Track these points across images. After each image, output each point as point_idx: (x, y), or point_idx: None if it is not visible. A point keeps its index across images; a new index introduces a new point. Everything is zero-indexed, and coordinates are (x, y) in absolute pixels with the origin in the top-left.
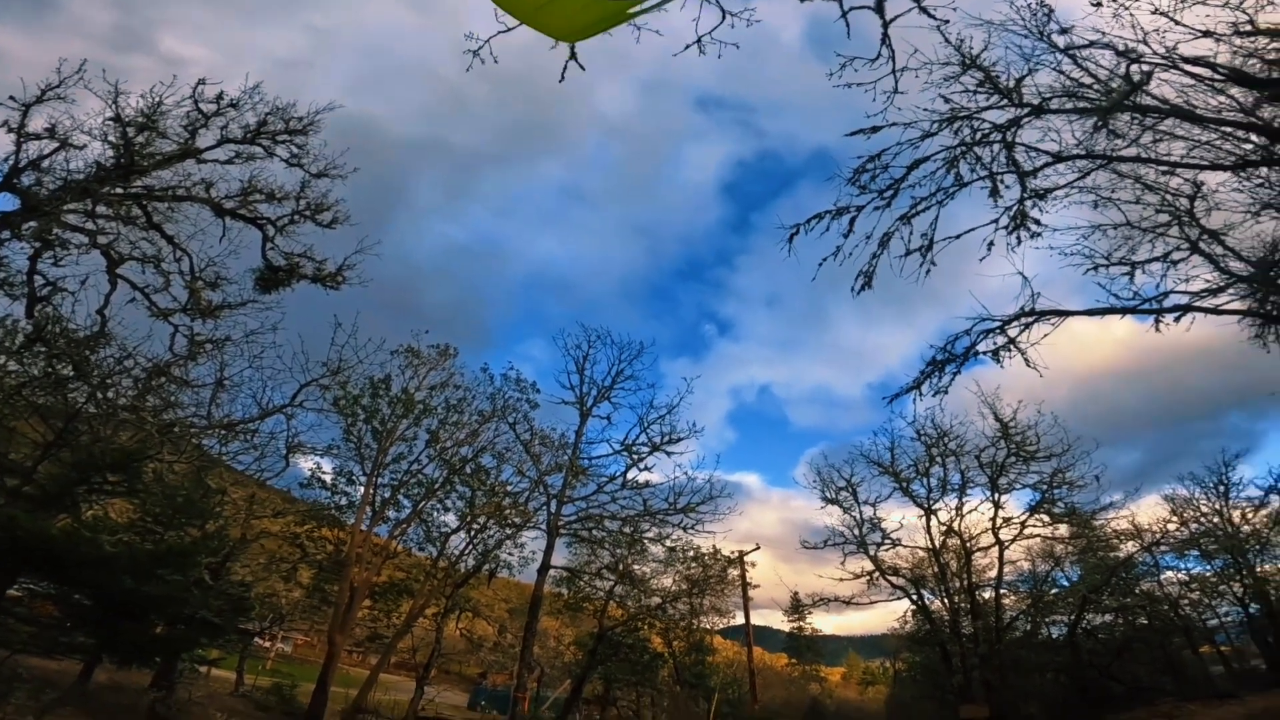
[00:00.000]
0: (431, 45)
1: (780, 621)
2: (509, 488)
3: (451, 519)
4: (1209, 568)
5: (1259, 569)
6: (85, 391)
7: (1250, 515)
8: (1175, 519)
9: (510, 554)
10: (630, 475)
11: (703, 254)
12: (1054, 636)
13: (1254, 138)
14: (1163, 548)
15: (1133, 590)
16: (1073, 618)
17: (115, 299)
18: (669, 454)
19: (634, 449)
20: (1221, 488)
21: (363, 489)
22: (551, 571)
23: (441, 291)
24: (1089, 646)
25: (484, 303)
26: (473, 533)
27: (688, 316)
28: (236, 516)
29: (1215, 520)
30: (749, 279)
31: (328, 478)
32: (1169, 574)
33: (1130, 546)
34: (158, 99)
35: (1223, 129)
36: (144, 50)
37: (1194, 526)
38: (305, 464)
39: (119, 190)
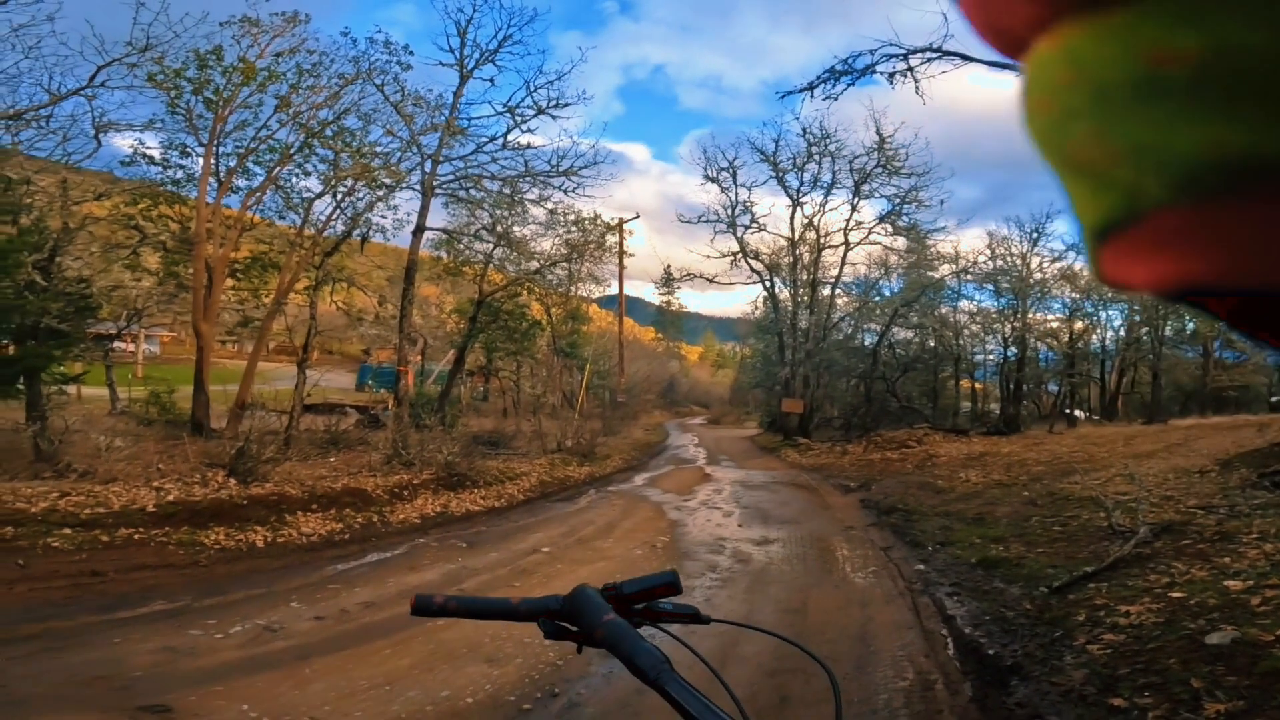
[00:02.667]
0: None
1: (651, 294)
2: (377, 149)
3: (314, 184)
4: (996, 304)
5: (1031, 316)
6: None
7: (1046, 265)
8: (988, 252)
9: (383, 216)
10: (512, 137)
11: None
12: (866, 344)
13: None
14: (969, 276)
15: (933, 311)
16: (883, 328)
17: None
18: (555, 118)
19: (518, 112)
20: (1034, 235)
21: (202, 160)
22: (429, 234)
23: None
24: (886, 359)
25: None
26: (339, 196)
27: None
28: (52, 205)
29: (1018, 262)
30: None
31: (154, 153)
32: (964, 303)
33: (946, 270)
34: None
35: None
36: None
37: (999, 263)
38: (123, 143)
39: None
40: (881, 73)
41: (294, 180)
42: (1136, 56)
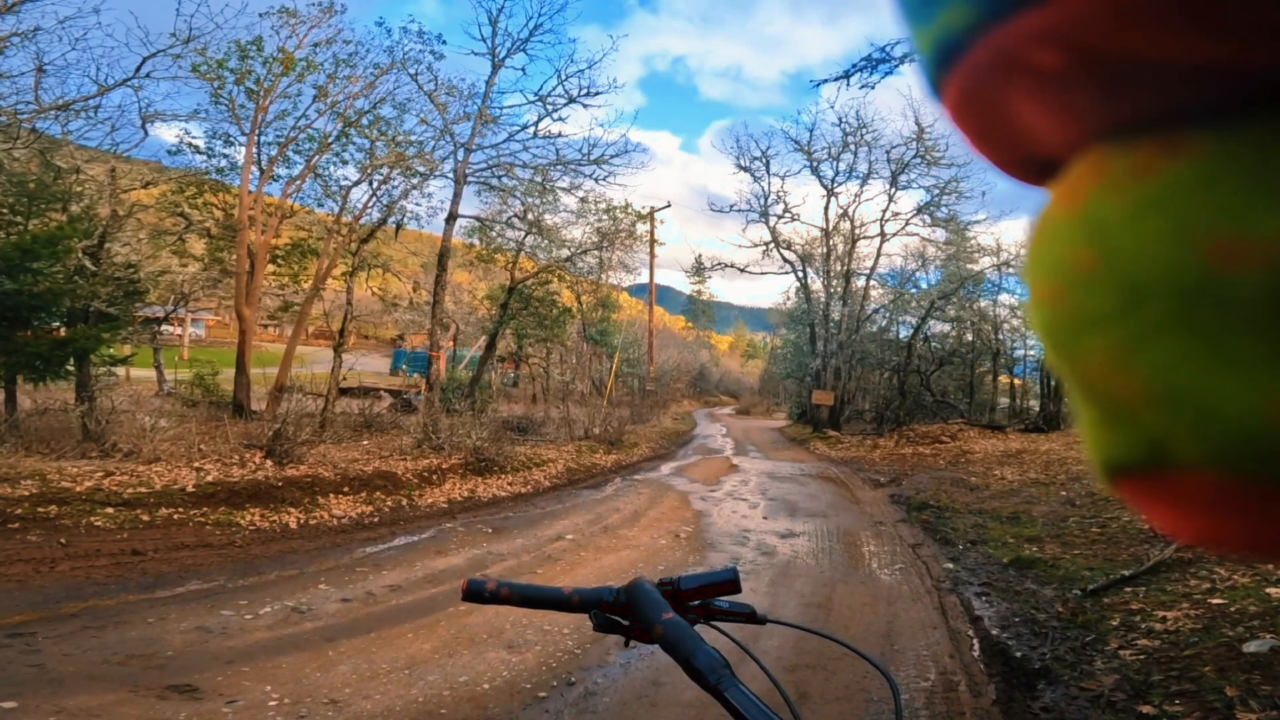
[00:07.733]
0: None
1: (681, 282)
2: (412, 137)
3: (351, 172)
4: None
5: None
6: None
7: None
8: None
9: (417, 204)
10: (543, 125)
11: None
12: (901, 337)
13: None
14: (1011, 269)
15: (972, 304)
16: (919, 321)
17: None
18: (586, 106)
19: (549, 100)
20: None
21: (244, 149)
22: (462, 222)
23: None
24: (921, 352)
25: None
26: (375, 184)
27: None
28: (101, 193)
29: None
30: None
31: (199, 142)
32: (1005, 297)
33: (986, 262)
34: None
35: None
36: None
37: None
38: (169, 133)
39: None
40: None
41: (332, 168)
42: (1193, 244)
